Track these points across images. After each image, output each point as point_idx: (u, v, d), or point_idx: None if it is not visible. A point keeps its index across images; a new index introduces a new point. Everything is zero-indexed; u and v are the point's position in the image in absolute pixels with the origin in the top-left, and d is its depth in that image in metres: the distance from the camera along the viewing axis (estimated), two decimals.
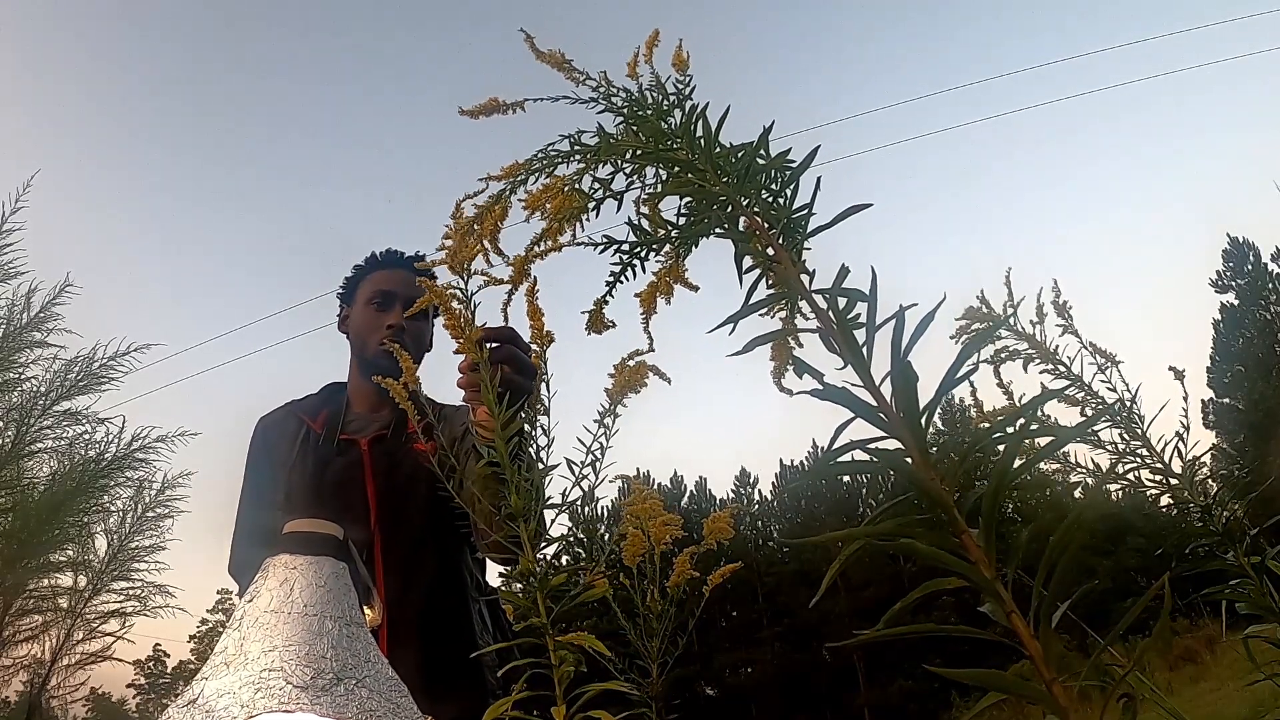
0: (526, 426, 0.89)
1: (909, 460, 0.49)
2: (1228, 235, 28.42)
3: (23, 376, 4.68)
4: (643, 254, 0.62)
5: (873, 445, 0.51)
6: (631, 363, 0.93)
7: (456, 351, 0.92)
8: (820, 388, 0.52)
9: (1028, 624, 0.48)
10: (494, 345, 1.01)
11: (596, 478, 0.91)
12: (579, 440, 0.92)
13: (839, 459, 0.50)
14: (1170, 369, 1.43)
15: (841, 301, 0.53)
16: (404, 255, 1.79)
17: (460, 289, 0.91)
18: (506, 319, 0.80)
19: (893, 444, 0.51)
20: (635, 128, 0.63)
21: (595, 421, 0.92)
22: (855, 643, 0.50)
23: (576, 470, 0.91)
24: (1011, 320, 1.40)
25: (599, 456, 0.91)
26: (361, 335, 1.75)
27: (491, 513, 0.88)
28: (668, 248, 0.62)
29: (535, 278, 0.86)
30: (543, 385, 0.90)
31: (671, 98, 0.63)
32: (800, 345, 0.55)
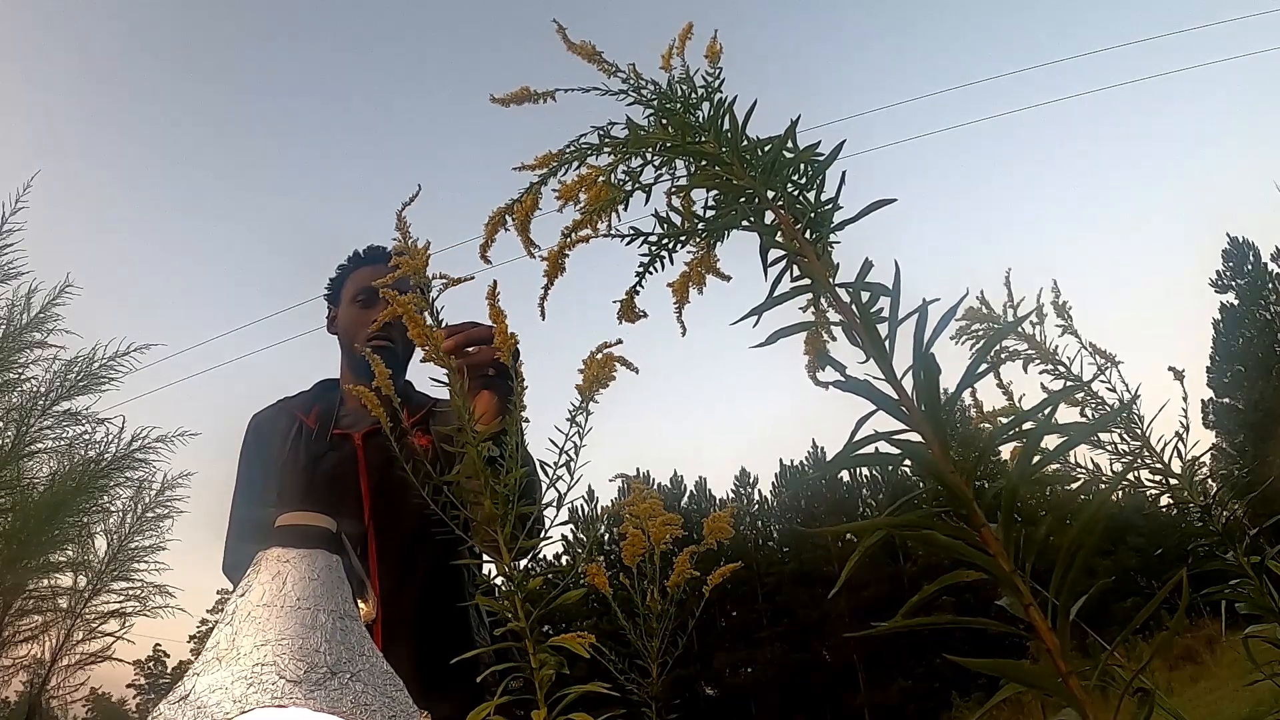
0: (505, 424, 0.87)
1: (930, 453, 0.49)
2: (1228, 235, 28.50)
3: (23, 376, 4.67)
4: (671, 246, 0.62)
5: (893, 439, 0.50)
6: (599, 355, 0.88)
7: (423, 360, 0.89)
8: (843, 379, 0.53)
9: (1045, 618, 0.48)
10: (465, 334, 0.99)
11: (571, 478, 0.87)
12: (551, 441, 0.87)
13: (858, 451, 0.50)
14: (1170, 369, 1.42)
15: (864, 295, 0.53)
16: (387, 251, 1.76)
17: (424, 295, 0.89)
18: (544, 314, 0.78)
19: (912, 437, 0.51)
20: (664, 121, 0.63)
21: (567, 420, 0.87)
22: (874, 632, 0.50)
23: (550, 472, 0.87)
24: (1013, 321, 1.39)
25: (573, 456, 0.87)
26: (349, 334, 1.73)
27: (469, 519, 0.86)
28: (695, 240, 0.62)
29: (495, 281, 0.85)
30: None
31: (700, 91, 0.63)
32: (834, 339, 0.55)
